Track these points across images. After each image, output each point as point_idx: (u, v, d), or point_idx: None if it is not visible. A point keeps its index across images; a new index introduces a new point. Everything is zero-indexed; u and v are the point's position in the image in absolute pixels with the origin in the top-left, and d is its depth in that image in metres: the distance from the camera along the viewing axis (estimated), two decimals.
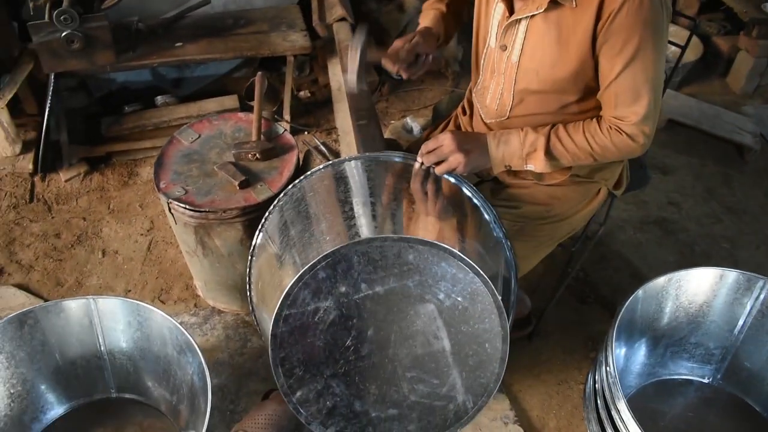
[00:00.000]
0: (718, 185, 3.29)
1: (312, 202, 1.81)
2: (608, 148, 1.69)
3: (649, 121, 1.65)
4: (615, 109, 1.65)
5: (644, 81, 1.59)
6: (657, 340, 2.16)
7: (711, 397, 2.22)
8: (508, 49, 1.73)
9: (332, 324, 1.62)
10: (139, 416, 2.14)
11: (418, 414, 1.74)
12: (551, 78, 1.68)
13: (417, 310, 1.59)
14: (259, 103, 2.34)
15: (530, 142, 1.72)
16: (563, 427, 2.24)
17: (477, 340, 1.61)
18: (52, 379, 2.09)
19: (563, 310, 2.58)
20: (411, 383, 1.70)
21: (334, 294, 1.57)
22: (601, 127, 1.68)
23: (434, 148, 1.75)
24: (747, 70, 3.88)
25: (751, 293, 2.05)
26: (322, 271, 1.53)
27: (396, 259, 1.52)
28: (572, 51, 1.61)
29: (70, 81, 3.27)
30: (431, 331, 1.61)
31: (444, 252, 1.50)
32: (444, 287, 1.55)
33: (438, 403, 1.71)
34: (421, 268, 1.53)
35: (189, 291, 2.62)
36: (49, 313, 2.00)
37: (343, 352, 1.68)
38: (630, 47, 1.54)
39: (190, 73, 3.45)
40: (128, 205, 3.00)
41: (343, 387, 1.73)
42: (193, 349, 1.89)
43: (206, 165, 2.22)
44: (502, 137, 1.75)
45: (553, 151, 1.71)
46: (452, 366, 1.65)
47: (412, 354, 1.66)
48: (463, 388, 1.67)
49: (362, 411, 1.76)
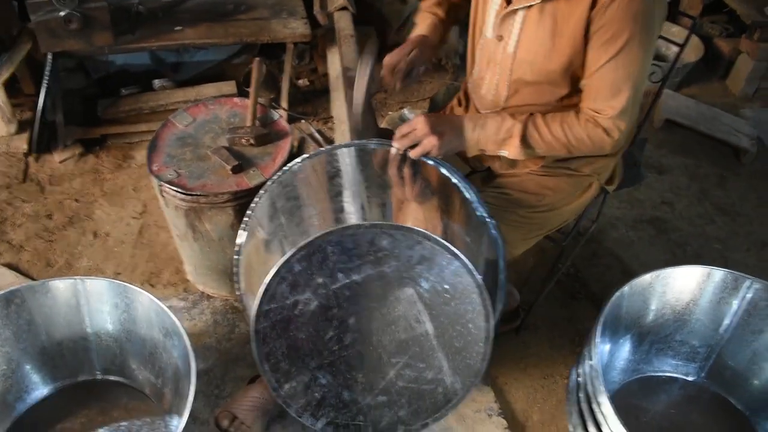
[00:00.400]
0: (713, 186, 3.28)
1: (301, 188, 1.82)
2: (583, 140, 1.69)
3: (625, 116, 1.65)
4: (594, 101, 1.65)
5: (626, 76, 1.59)
6: (642, 337, 2.16)
7: (694, 395, 2.22)
8: (504, 40, 1.73)
9: (313, 316, 1.63)
10: (123, 398, 2.14)
11: (408, 399, 1.75)
12: (545, 69, 1.68)
13: (396, 295, 1.60)
14: (255, 89, 2.34)
15: (507, 128, 1.72)
16: (546, 421, 2.24)
17: (460, 321, 1.60)
18: (38, 359, 2.09)
19: (552, 305, 2.58)
20: (397, 369, 1.70)
21: (312, 286, 1.58)
22: (578, 119, 1.68)
23: (408, 132, 1.74)
24: (747, 72, 3.88)
25: (738, 293, 2.05)
26: (297, 264, 1.53)
27: (370, 246, 1.52)
28: (565, 42, 1.61)
29: (68, 62, 3.27)
30: (413, 316, 1.62)
31: (418, 235, 1.50)
32: (421, 270, 1.55)
33: (426, 387, 1.71)
34: (396, 253, 1.53)
35: (179, 275, 2.62)
36: (36, 292, 2.00)
37: (326, 343, 1.68)
38: (618, 40, 1.55)
39: (189, 57, 3.45)
40: (122, 188, 3.00)
41: (329, 377, 1.74)
42: (178, 332, 1.89)
43: (200, 149, 2.22)
44: (479, 121, 1.75)
45: (529, 139, 1.71)
46: (437, 349, 1.65)
47: (396, 340, 1.66)
48: (451, 371, 1.68)
49: (351, 400, 1.77)
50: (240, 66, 3.46)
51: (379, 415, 1.79)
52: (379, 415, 1.79)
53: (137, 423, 2.08)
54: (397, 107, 3.55)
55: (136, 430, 2.06)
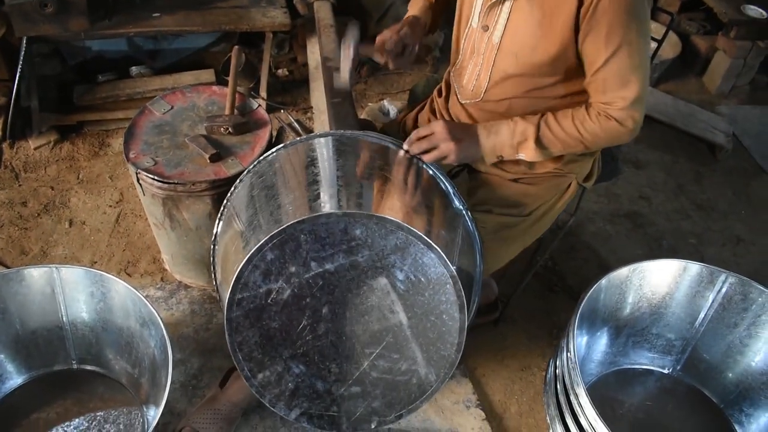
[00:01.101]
0: (689, 182, 3.32)
1: (278, 177, 1.80)
2: (597, 134, 1.69)
3: (638, 105, 1.65)
4: (603, 94, 1.65)
5: (631, 66, 1.60)
6: (619, 330, 2.18)
7: (670, 387, 2.25)
8: (489, 30, 1.73)
9: (286, 305, 1.62)
10: (100, 388, 2.12)
11: (382, 390, 1.75)
12: (530, 61, 1.68)
13: (370, 285, 1.59)
14: (233, 77, 2.32)
15: (520, 131, 1.72)
16: (524, 413, 2.26)
17: (434, 312, 1.60)
18: (12, 348, 2.06)
19: (530, 297, 2.60)
20: (371, 360, 1.70)
21: (285, 274, 1.57)
22: (589, 114, 1.68)
23: (426, 135, 1.74)
24: (723, 70, 3.93)
25: (714, 286, 2.07)
26: (270, 252, 1.52)
27: (343, 235, 1.52)
28: (554, 35, 1.61)
29: (43, 47, 3.21)
30: (386, 306, 1.61)
31: (391, 225, 1.49)
32: (395, 260, 1.55)
33: (400, 378, 1.71)
34: (369, 243, 1.53)
35: (156, 264, 2.59)
36: (11, 280, 1.97)
37: (299, 333, 1.67)
38: (615, 34, 1.55)
39: (167, 45, 3.40)
40: (98, 176, 2.96)
41: (303, 367, 1.73)
42: (155, 321, 1.88)
43: (177, 137, 2.20)
44: (492, 127, 1.75)
45: (543, 140, 1.71)
46: (411, 339, 1.65)
47: (370, 330, 1.66)
48: (425, 361, 1.67)
49: (325, 390, 1.76)
50: (219, 54, 3.43)
51: (353, 405, 1.79)
52: (353, 406, 1.79)
53: (114, 413, 2.06)
54: (376, 98, 3.54)
55: (113, 420, 2.04)
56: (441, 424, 2.16)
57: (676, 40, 3.95)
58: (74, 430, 2.02)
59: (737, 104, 3.94)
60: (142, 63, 3.30)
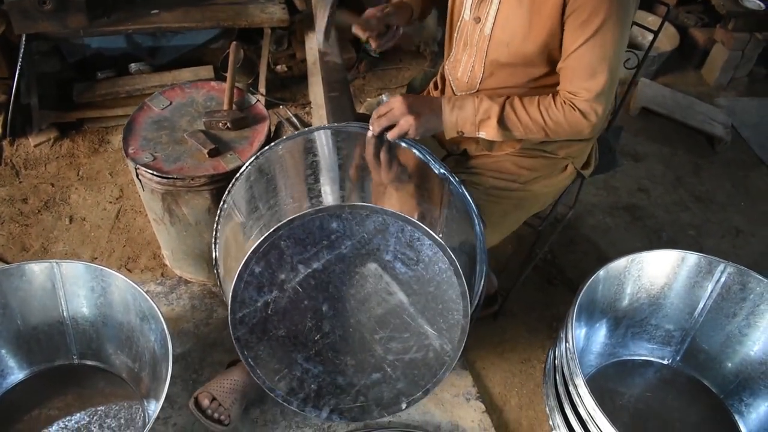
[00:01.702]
0: (688, 174, 3.32)
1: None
2: (560, 123, 1.69)
3: (602, 99, 1.66)
4: (570, 83, 1.66)
5: (602, 58, 1.60)
6: (618, 321, 2.19)
7: (669, 378, 2.25)
8: (481, 21, 1.74)
9: (286, 312, 1.65)
10: (100, 383, 2.13)
11: (402, 371, 1.75)
12: (521, 51, 1.69)
13: (361, 272, 1.60)
14: (232, 72, 2.32)
15: (484, 109, 1.72)
16: (524, 405, 2.26)
17: (431, 283, 1.60)
18: (13, 343, 2.07)
19: (529, 290, 2.60)
20: (383, 344, 1.70)
21: (277, 283, 1.60)
22: (555, 102, 1.69)
23: (385, 112, 1.74)
24: (722, 62, 3.93)
25: (712, 276, 2.08)
26: (256, 265, 1.55)
27: (321, 231, 1.53)
28: (542, 23, 1.62)
29: (43, 45, 3.21)
30: (383, 289, 1.62)
31: (363, 210, 1.50)
32: (378, 243, 1.55)
33: (417, 355, 1.71)
34: (348, 233, 1.54)
35: (156, 260, 2.60)
36: (11, 276, 1.98)
37: (307, 335, 1.70)
38: (593, 22, 1.55)
39: (166, 42, 3.41)
40: (98, 173, 2.97)
41: (320, 367, 1.75)
42: (156, 316, 1.89)
43: (176, 132, 2.20)
44: (457, 102, 1.75)
45: (506, 121, 1.71)
46: (416, 315, 1.65)
47: (374, 316, 1.67)
48: (436, 333, 1.67)
49: (347, 384, 1.78)
50: (217, 51, 3.43)
51: (378, 392, 1.79)
52: (378, 393, 1.79)
53: (114, 407, 2.07)
54: (375, 93, 3.55)
55: (114, 414, 2.05)
56: (441, 417, 2.17)
57: (674, 33, 3.95)
58: (75, 424, 2.03)
59: (736, 96, 3.93)
60: (141, 60, 3.31)
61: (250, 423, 2.10)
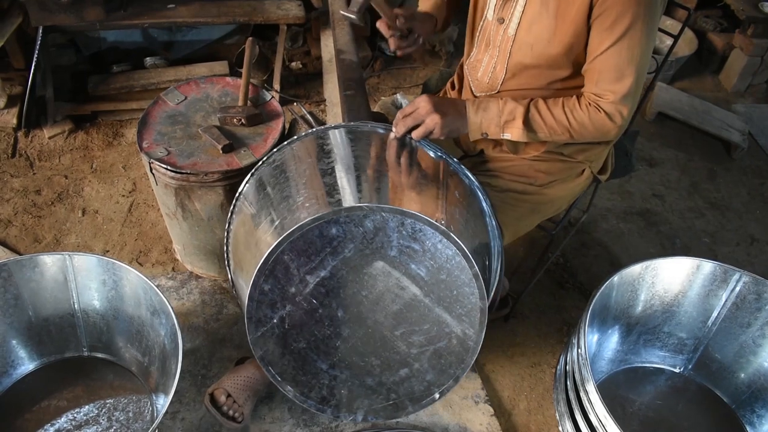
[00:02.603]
0: (704, 180, 3.29)
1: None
2: (585, 125, 1.68)
3: (628, 101, 1.64)
4: (596, 85, 1.65)
5: (629, 60, 1.59)
6: (630, 327, 2.17)
7: (681, 386, 2.23)
8: (505, 22, 1.72)
9: (303, 324, 1.66)
10: (109, 376, 2.13)
11: (429, 362, 1.73)
12: (546, 52, 1.68)
13: (369, 273, 1.60)
14: (247, 68, 2.32)
15: (509, 110, 1.70)
16: (533, 409, 2.25)
17: (442, 272, 1.58)
18: (24, 334, 2.07)
19: (541, 294, 2.59)
20: (405, 339, 1.69)
21: (288, 298, 1.60)
22: (580, 103, 1.68)
23: (411, 112, 1.73)
24: (740, 68, 3.89)
25: (727, 285, 2.05)
26: (265, 284, 1.56)
27: (321, 239, 1.53)
28: (568, 25, 1.60)
29: (59, 38, 3.23)
30: (394, 285, 1.61)
31: (359, 211, 1.49)
32: (381, 241, 1.54)
33: (440, 344, 1.70)
34: (349, 236, 1.53)
35: (168, 254, 2.60)
36: (24, 267, 1.98)
37: (328, 342, 1.70)
38: (621, 24, 1.54)
39: (182, 36, 3.41)
40: (111, 166, 2.97)
41: (347, 372, 1.75)
42: (166, 310, 1.88)
43: (191, 127, 2.20)
44: (482, 104, 1.73)
45: (531, 122, 1.70)
46: (432, 306, 1.64)
47: (390, 313, 1.66)
48: (456, 320, 1.65)
49: (377, 383, 1.78)
50: (233, 47, 3.43)
51: (409, 387, 1.78)
52: (409, 387, 1.78)
53: (123, 401, 2.07)
54: (390, 92, 3.53)
55: (122, 407, 2.05)
56: (449, 419, 2.16)
57: (692, 37, 3.92)
58: (84, 416, 2.03)
59: (753, 103, 3.90)
60: (156, 54, 3.31)
61: (259, 420, 2.10)
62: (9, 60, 3.11)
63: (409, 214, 1.49)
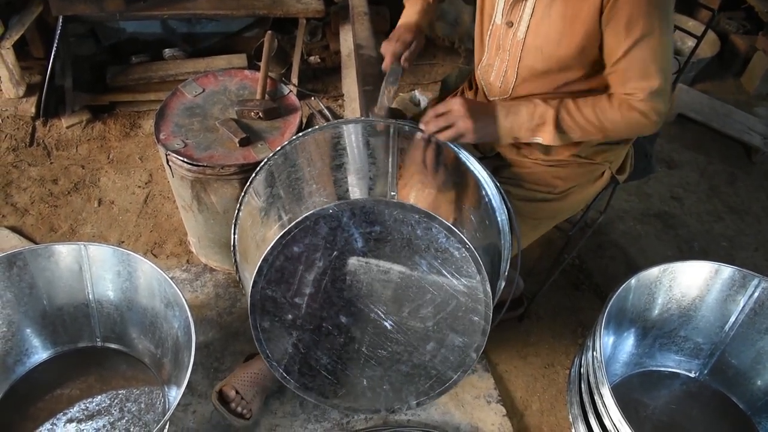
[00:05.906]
0: (723, 184, 3.26)
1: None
2: (617, 123, 1.65)
3: (660, 97, 1.62)
4: (624, 85, 1.62)
5: (653, 58, 1.57)
6: (646, 331, 2.15)
7: (696, 391, 2.21)
8: (514, 26, 1.70)
9: (317, 343, 1.71)
10: (122, 366, 2.14)
11: (449, 326, 1.70)
12: (556, 55, 1.66)
13: (348, 272, 1.61)
14: (266, 62, 2.31)
15: (540, 113, 1.68)
16: (546, 410, 2.23)
17: (413, 239, 1.55)
18: (39, 323, 2.08)
19: (556, 294, 2.57)
20: (415, 316, 1.68)
21: (289, 325, 1.66)
22: (611, 103, 1.65)
23: (443, 112, 1.70)
24: (762, 70, 3.84)
25: (746, 291, 2.03)
26: (262, 321, 1.64)
27: (289, 262, 1.58)
28: (578, 27, 1.58)
29: (79, 28, 3.24)
30: (375, 273, 1.62)
31: (308, 220, 1.50)
32: (341, 239, 1.55)
33: (450, 306, 1.66)
34: (312, 248, 1.56)
35: (182, 246, 2.60)
36: (39, 256, 1.99)
37: (347, 349, 1.73)
38: (636, 25, 1.52)
39: (201, 28, 3.42)
40: (128, 157, 2.98)
41: (378, 369, 1.78)
42: (180, 302, 1.88)
43: (208, 120, 2.20)
44: (511, 108, 1.71)
45: (563, 124, 1.67)
46: (423, 275, 1.61)
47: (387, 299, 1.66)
48: (453, 279, 1.61)
49: (412, 367, 1.79)
50: (251, 39, 3.43)
51: (443, 358, 1.75)
52: (443, 358, 1.75)
53: (135, 392, 2.07)
54: (408, 89, 3.52)
55: (134, 398, 2.05)
56: (461, 418, 2.15)
57: (714, 39, 3.87)
58: (96, 406, 2.03)
59: None
60: (175, 46, 3.32)
61: (270, 415, 2.09)
62: (29, 49, 3.14)
63: (351, 203, 1.50)
